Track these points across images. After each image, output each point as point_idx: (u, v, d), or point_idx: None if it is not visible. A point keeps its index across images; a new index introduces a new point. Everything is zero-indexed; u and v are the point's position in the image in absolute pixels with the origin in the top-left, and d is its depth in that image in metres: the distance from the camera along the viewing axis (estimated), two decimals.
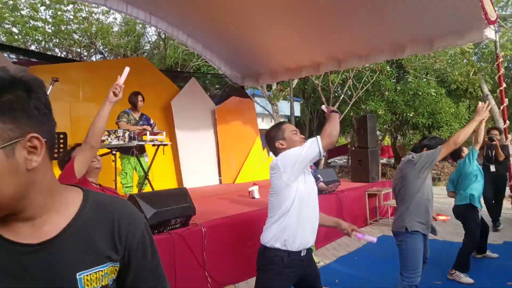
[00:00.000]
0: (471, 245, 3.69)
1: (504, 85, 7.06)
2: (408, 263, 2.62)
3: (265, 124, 13.42)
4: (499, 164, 5.53)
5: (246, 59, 8.50)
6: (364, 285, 3.59)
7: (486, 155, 5.62)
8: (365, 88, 13.03)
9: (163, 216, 3.37)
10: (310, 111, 16.79)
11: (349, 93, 13.45)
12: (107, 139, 4.47)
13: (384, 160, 19.72)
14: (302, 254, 2.03)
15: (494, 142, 5.37)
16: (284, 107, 12.95)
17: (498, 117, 8.92)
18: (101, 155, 4.72)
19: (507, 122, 6.88)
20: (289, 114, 11.34)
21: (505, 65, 13.33)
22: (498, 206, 5.75)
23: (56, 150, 3.45)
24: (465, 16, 5.59)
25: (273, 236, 2.01)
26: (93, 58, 15.81)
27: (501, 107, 7.00)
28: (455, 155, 4.07)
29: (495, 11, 5.96)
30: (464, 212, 3.77)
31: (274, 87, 11.50)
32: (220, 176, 8.34)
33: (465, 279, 3.55)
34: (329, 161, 20.30)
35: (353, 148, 8.01)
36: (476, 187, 3.77)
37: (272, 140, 2.16)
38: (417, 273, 2.59)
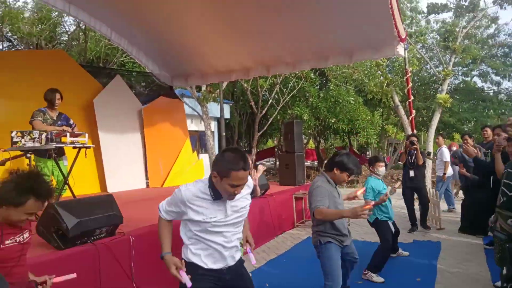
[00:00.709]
0: (386, 250, 4.01)
1: (412, 97, 7.88)
2: (327, 272, 2.79)
3: (194, 125, 13.17)
4: (417, 169, 5.91)
5: (175, 59, 8.27)
6: (293, 286, 3.72)
7: (407, 161, 5.98)
8: (291, 94, 13.56)
9: (87, 225, 3.13)
10: (239, 113, 16.97)
11: (277, 97, 13.89)
12: (20, 140, 4.02)
13: (308, 163, 20.70)
14: (223, 269, 2.08)
15: (415, 146, 5.80)
16: (214, 108, 12.85)
17: (407, 126, 9.90)
18: (12, 158, 4.26)
19: (415, 131, 7.71)
20: (219, 116, 11.31)
21: (412, 78, 14.92)
22: (423, 206, 6.04)
23: None
24: (380, 33, 6.13)
25: (190, 252, 2.08)
26: None
27: (410, 118, 7.80)
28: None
29: (404, 29, 6.64)
30: (376, 223, 4.12)
31: (203, 88, 11.38)
32: (147, 179, 8.02)
33: (377, 278, 3.88)
34: (257, 163, 20.72)
35: (281, 152, 8.27)
36: (385, 207, 4.09)
37: (215, 164, 1.97)
38: (337, 281, 2.75)
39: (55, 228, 2.97)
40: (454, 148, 7.96)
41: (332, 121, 13.57)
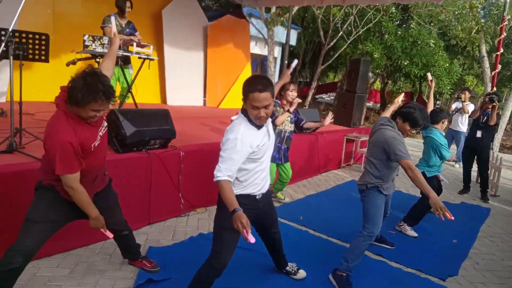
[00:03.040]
0: (425, 207, 3.82)
1: (502, 50, 6.95)
2: (369, 216, 2.79)
3: (258, 48, 12.90)
4: (486, 130, 5.29)
5: None
6: (326, 225, 3.84)
7: (478, 119, 5.35)
8: (366, 27, 12.54)
9: (143, 135, 3.38)
10: (306, 41, 16.23)
11: (349, 29, 12.95)
12: (91, 45, 4.26)
13: (370, 104, 19.88)
14: (257, 197, 2.19)
15: (494, 104, 5.11)
16: (280, 33, 12.35)
17: (488, 81, 8.92)
18: (83, 59, 4.56)
19: (495, 88, 6.94)
20: (284, 42, 10.93)
21: (509, 26, 12.93)
22: (481, 173, 5.48)
23: (37, 52, 3.27)
24: None
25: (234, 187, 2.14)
26: None
27: (493, 73, 6.99)
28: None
29: None
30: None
31: (272, 10, 10.88)
32: (205, 97, 8.25)
33: (410, 232, 3.85)
34: (316, 97, 20.26)
35: (341, 90, 7.96)
36: (435, 162, 3.90)
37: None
38: (377, 226, 2.77)
39: (115, 133, 3.25)
40: None
41: (405, 63, 12.52)
